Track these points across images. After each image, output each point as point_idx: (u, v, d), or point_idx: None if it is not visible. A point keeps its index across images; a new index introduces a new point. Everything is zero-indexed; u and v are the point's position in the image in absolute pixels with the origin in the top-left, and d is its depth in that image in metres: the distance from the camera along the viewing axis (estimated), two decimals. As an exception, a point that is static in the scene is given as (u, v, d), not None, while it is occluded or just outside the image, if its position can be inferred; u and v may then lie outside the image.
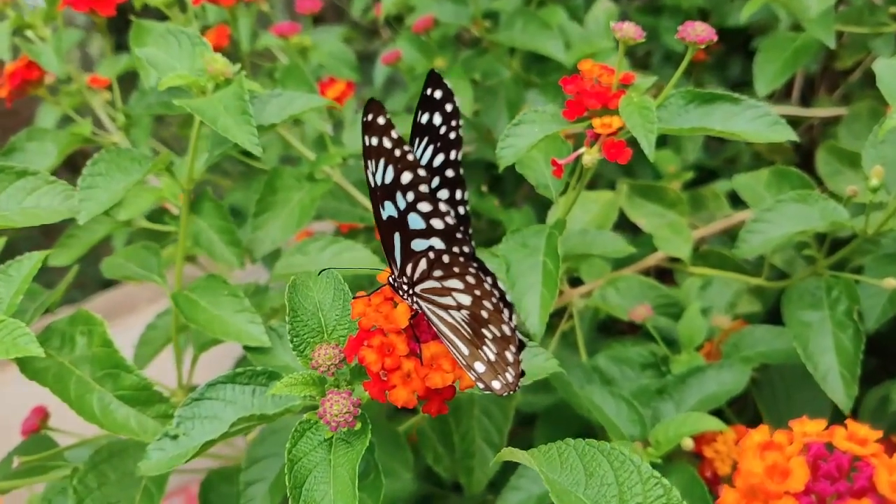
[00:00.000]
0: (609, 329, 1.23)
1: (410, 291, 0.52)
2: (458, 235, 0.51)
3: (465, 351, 0.51)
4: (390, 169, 0.49)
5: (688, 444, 0.74)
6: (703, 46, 0.66)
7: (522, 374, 0.52)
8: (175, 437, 0.56)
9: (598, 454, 0.47)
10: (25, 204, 0.62)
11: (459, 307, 0.51)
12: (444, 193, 0.55)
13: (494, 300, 0.50)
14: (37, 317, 0.75)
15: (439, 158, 0.54)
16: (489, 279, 0.50)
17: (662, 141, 1.29)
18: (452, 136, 0.54)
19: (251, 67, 1.31)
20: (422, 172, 0.49)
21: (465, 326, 0.51)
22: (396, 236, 0.51)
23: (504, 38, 1.13)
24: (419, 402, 0.51)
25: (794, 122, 1.32)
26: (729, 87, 1.45)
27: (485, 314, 0.50)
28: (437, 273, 0.51)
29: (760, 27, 1.40)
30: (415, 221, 0.50)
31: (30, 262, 0.63)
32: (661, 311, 0.95)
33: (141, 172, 0.65)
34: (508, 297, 0.50)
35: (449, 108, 0.53)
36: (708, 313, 0.92)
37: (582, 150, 0.69)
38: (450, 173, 0.55)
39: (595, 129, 0.67)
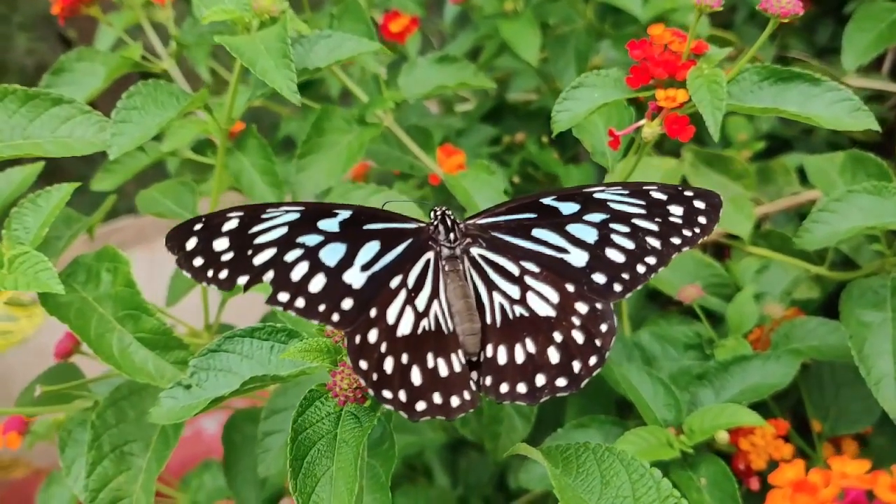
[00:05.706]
0: (657, 297, 1.19)
1: None
2: None
3: None
4: None
5: (723, 437, 0.71)
6: (786, 20, 0.60)
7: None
8: (188, 386, 0.55)
9: (616, 462, 0.44)
10: (59, 133, 0.60)
11: None
12: (625, 243, 0.53)
13: None
14: (72, 243, 0.74)
15: (646, 225, 0.53)
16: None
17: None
18: (675, 241, 0.53)
19: (313, 1, 1.27)
20: None
21: None
22: None
23: (579, -14, 1.07)
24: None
25: (880, 96, 1.23)
26: (816, 53, 1.36)
27: None
28: None
29: (857, -9, 1.30)
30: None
31: (59, 192, 0.62)
32: (712, 290, 0.90)
33: (176, 110, 0.63)
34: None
35: (702, 220, 0.52)
36: (761, 299, 0.87)
37: (642, 122, 0.64)
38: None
39: (658, 101, 0.62)
